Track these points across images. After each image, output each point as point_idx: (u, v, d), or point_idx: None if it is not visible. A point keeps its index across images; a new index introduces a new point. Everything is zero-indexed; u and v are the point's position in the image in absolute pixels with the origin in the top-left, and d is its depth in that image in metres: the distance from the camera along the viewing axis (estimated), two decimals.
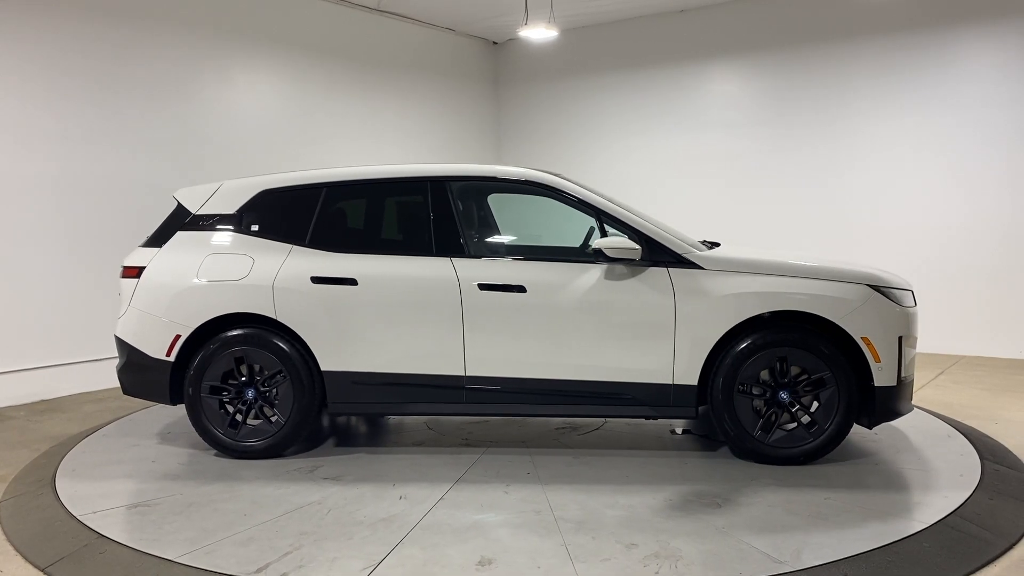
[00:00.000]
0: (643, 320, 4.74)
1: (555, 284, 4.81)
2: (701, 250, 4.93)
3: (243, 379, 5.02)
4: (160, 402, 5.15)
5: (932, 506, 4.12)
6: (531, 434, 5.49)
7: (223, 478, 4.70)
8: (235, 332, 4.99)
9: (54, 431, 5.96)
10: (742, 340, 4.69)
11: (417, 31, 10.55)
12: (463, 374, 4.88)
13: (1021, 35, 8.18)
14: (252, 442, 5.03)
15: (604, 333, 4.78)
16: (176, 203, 5.35)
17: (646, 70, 10.49)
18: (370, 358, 4.93)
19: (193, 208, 5.26)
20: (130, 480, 4.74)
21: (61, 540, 3.90)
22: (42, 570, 3.65)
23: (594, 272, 4.79)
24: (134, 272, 5.17)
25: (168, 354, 5.03)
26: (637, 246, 4.70)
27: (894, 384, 4.67)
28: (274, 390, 4.99)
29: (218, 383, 5.01)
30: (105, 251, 7.30)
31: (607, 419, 5.70)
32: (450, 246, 4.95)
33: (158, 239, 5.27)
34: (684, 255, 4.78)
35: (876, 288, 4.69)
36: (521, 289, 4.81)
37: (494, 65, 11.84)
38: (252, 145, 8.62)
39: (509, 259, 4.97)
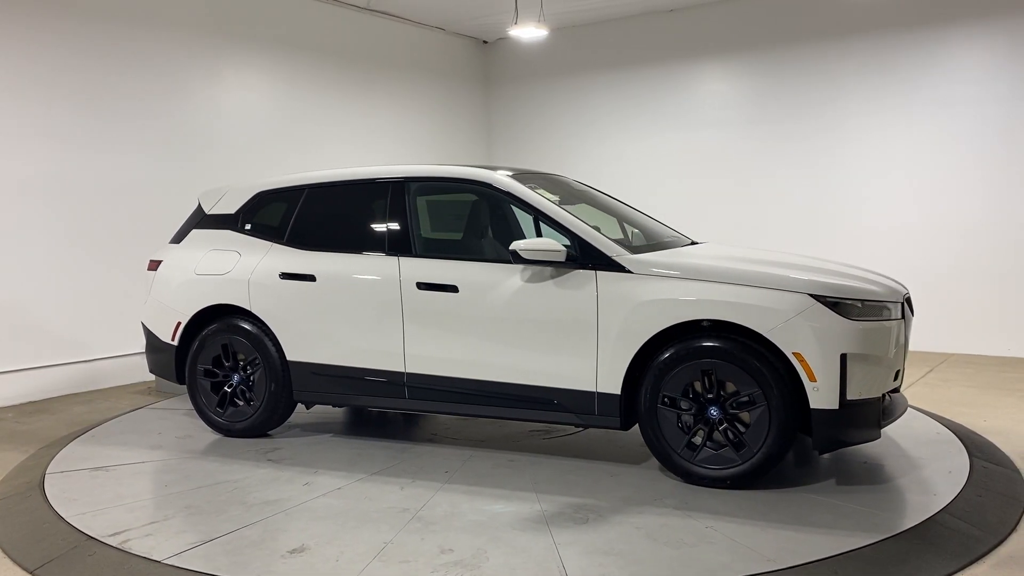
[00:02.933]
0: (567, 324, 4.57)
1: (486, 284, 4.78)
2: (644, 252, 4.68)
3: (227, 365, 5.52)
4: (171, 380, 5.78)
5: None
6: (500, 434, 5.48)
7: (189, 451, 5.22)
8: (220, 322, 5.51)
9: (43, 433, 5.93)
10: (666, 350, 4.40)
11: (407, 30, 10.56)
12: (403, 371, 5.02)
13: (1008, 34, 8.14)
14: (234, 422, 5.51)
15: (530, 336, 4.67)
16: (197, 204, 5.97)
17: (636, 69, 10.48)
18: (325, 351, 5.21)
19: (207, 208, 5.84)
20: (117, 448, 5.38)
21: (50, 542, 3.88)
22: (30, 572, 3.64)
23: (524, 273, 4.70)
24: (155, 265, 5.85)
25: (173, 339, 5.66)
26: (560, 248, 4.54)
27: (835, 407, 4.14)
28: (252, 376, 5.45)
29: (210, 367, 5.55)
30: (96, 252, 7.42)
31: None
32: (400, 245, 5.10)
33: (179, 236, 5.91)
34: (614, 257, 4.56)
35: (819, 298, 4.18)
36: (454, 289, 4.85)
37: (484, 64, 11.75)
38: (243, 145, 8.63)
39: (449, 258, 5.00)
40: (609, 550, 3.60)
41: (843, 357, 4.11)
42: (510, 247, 4.59)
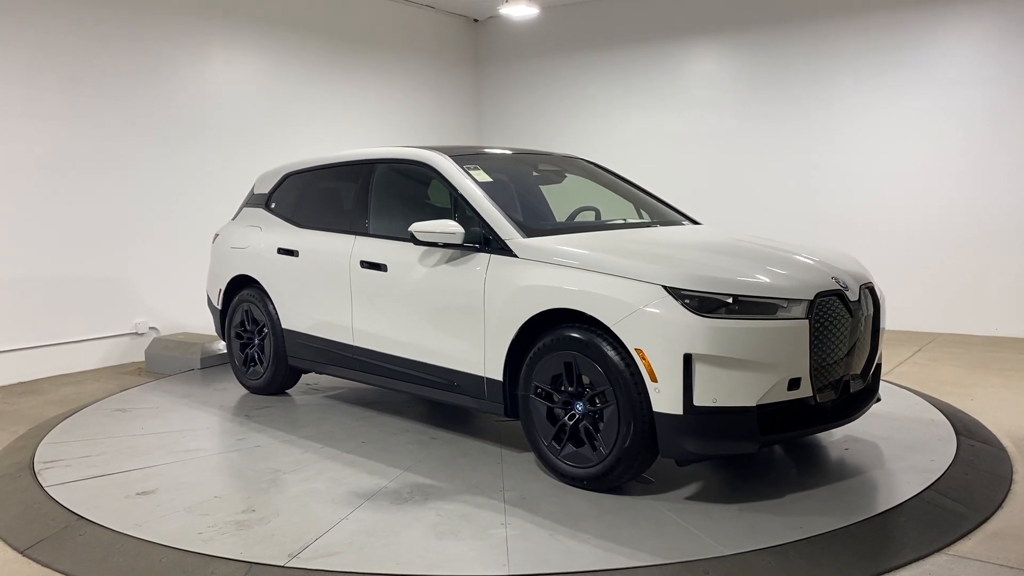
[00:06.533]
0: (462, 307, 4.56)
1: (407, 265, 4.88)
2: (543, 236, 4.49)
3: (248, 328, 6.16)
4: (221, 338, 6.58)
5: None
6: (463, 413, 5.54)
7: (203, 403, 5.94)
8: (244, 290, 6.17)
9: (32, 413, 5.93)
10: (539, 339, 4.22)
11: (396, 8, 10.30)
12: (352, 344, 5.29)
13: (998, 14, 8.15)
14: (251, 380, 6.16)
15: (434, 317, 4.73)
16: (252, 184, 6.67)
17: (627, 48, 10.41)
18: (304, 321, 5.63)
19: (255, 189, 6.52)
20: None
21: (40, 522, 3.88)
22: (21, 552, 3.62)
23: (436, 255, 4.75)
24: (215, 238, 6.67)
25: (218, 303, 6.45)
26: (456, 230, 4.50)
27: (679, 413, 3.72)
28: (264, 340, 6.04)
29: (239, 329, 6.25)
30: (81, 232, 7.39)
31: None
32: (359, 225, 5.36)
33: (236, 214, 6.66)
34: (506, 241, 4.44)
35: (671, 290, 3.77)
36: (384, 268, 5.02)
37: (475, 43, 11.21)
38: (230, 124, 8.56)
39: (389, 238, 5.13)
40: (378, 531, 3.63)
41: (687, 357, 3.68)
42: (409, 228, 4.67)
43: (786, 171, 9.36)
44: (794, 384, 3.84)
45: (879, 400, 4.63)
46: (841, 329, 4.00)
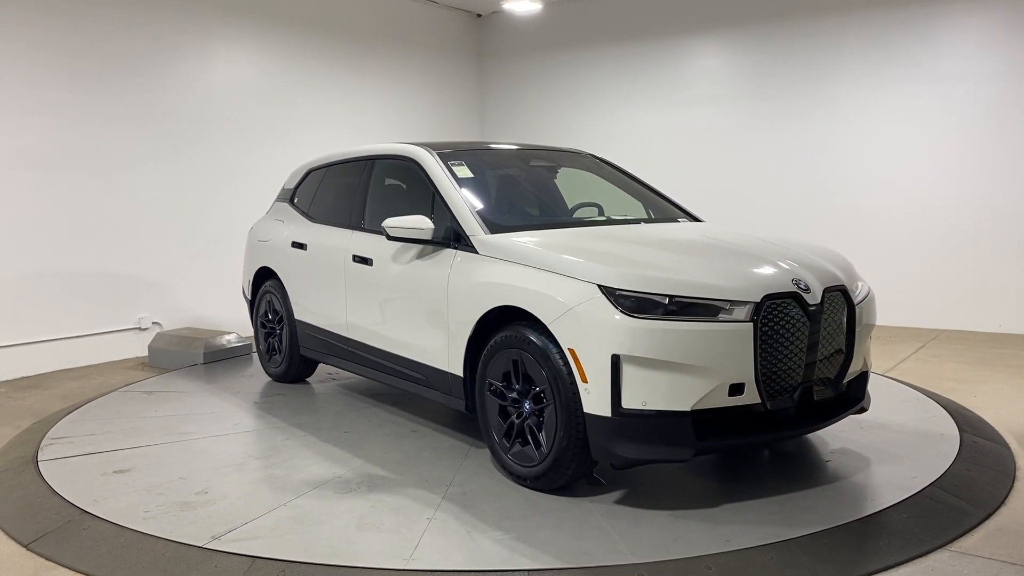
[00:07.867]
0: (429, 303, 4.60)
1: (389, 259, 4.96)
2: (507, 232, 4.46)
3: (271, 319, 6.40)
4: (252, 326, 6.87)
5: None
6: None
7: (226, 388, 6.20)
8: (267, 281, 6.41)
9: (36, 408, 5.94)
10: (492, 336, 4.21)
11: (400, 4, 10.19)
12: (347, 336, 5.42)
13: (1002, 9, 8.06)
14: (273, 369, 6.41)
15: (408, 311, 4.79)
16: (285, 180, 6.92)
17: (631, 44, 10.36)
18: (311, 313, 5.81)
19: (285, 184, 6.76)
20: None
21: (44, 516, 3.89)
22: (25, 546, 3.63)
23: (413, 250, 4.80)
24: (249, 232, 6.95)
25: (248, 293, 6.73)
26: (426, 226, 4.56)
27: (608, 415, 3.63)
28: (282, 331, 6.26)
29: (263, 319, 6.50)
30: (84, 227, 7.35)
31: None
32: (356, 220, 5.48)
33: (269, 208, 6.93)
34: (470, 237, 4.45)
35: (604, 288, 3.68)
36: (370, 262, 5.11)
37: (478, 38, 10.98)
38: (233, 122, 8.54)
39: (375, 233, 5.20)
40: (307, 519, 3.74)
41: (615, 359, 3.58)
42: (382, 224, 4.74)
43: (788, 167, 9.27)
44: (736, 389, 3.67)
45: (864, 410, 4.37)
46: (796, 334, 3.79)
